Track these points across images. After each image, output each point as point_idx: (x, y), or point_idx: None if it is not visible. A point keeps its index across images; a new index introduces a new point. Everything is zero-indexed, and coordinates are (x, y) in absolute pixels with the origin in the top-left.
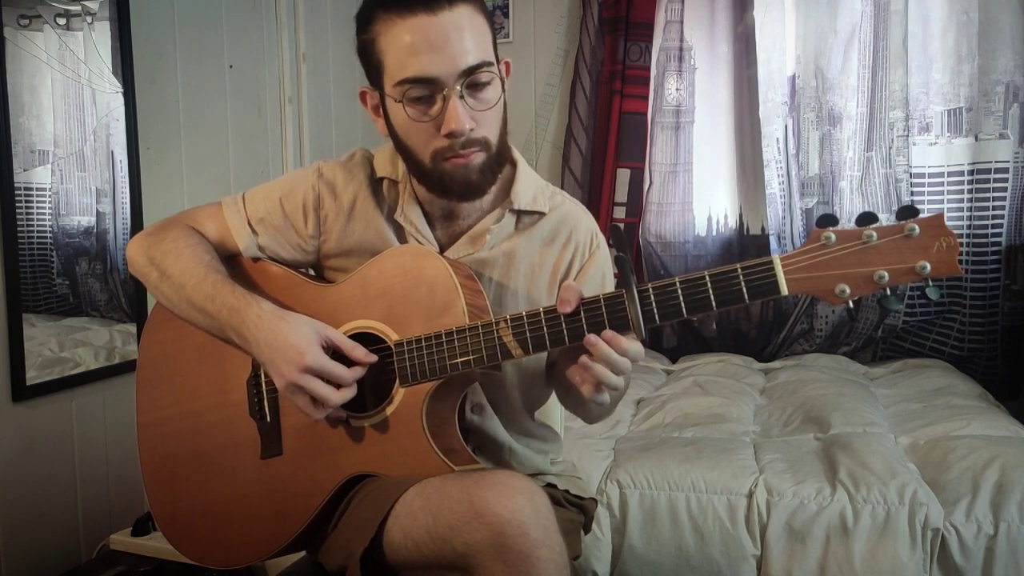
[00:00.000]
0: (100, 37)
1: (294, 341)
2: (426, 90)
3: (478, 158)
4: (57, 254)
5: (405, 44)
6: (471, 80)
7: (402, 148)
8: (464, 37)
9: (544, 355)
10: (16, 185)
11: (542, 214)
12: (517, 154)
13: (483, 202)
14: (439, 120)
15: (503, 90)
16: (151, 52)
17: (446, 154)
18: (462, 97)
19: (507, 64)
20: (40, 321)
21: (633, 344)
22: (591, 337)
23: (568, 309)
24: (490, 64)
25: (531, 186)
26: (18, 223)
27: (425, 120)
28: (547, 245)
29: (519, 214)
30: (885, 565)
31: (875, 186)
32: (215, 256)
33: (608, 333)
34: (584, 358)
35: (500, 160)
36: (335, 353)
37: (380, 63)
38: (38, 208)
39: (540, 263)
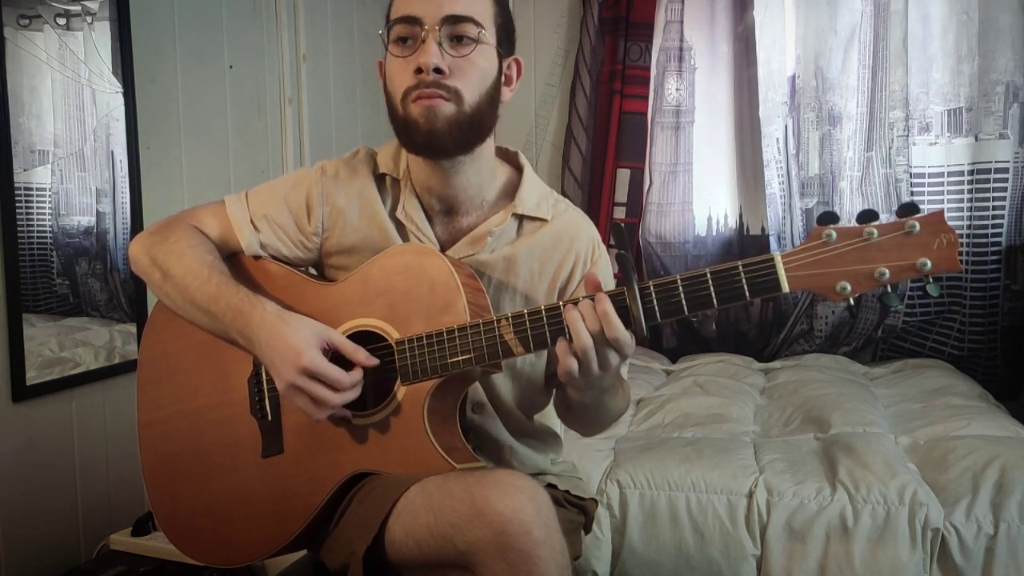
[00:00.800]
0: (100, 37)
1: (293, 342)
2: (409, 30)
3: (446, 108)
4: (57, 254)
5: None
6: (454, 31)
7: (388, 102)
8: None
9: (543, 365)
10: (16, 185)
11: (544, 221)
12: (524, 160)
13: (485, 203)
14: (414, 58)
15: (500, 75)
16: (151, 52)
17: (412, 93)
18: (440, 44)
19: (518, 62)
20: (40, 321)
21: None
22: (569, 304)
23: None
24: (477, 24)
25: (535, 192)
26: (18, 223)
27: (402, 56)
28: (548, 253)
29: (522, 219)
30: (885, 565)
31: (875, 186)
32: (218, 256)
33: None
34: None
35: (474, 126)
36: (339, 356)
37: (388, 19)
38: (38, 208)
39: (540, 270)
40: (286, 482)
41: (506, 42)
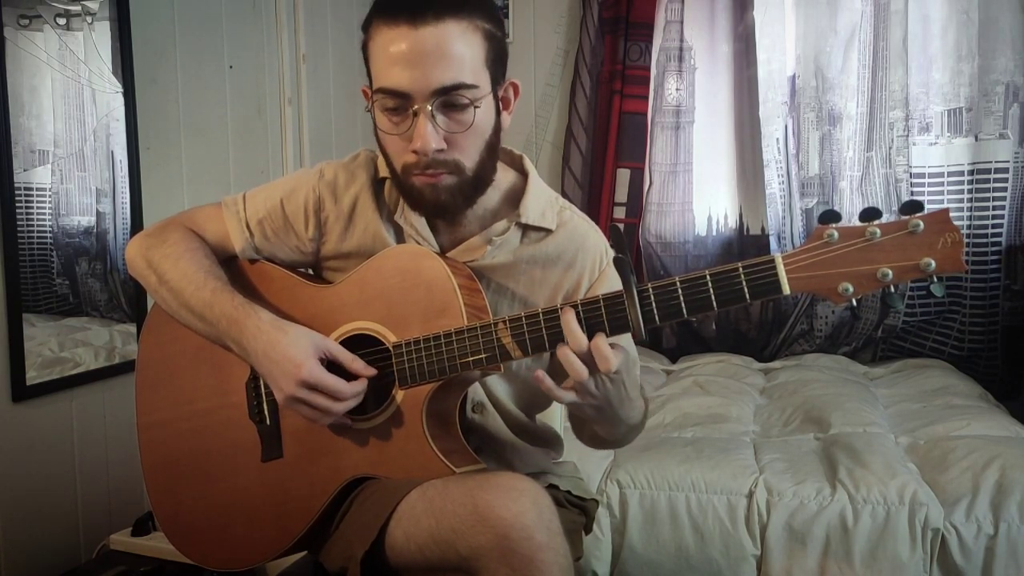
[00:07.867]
0: (100, 37)
1: (292, 354)
2: (397, 103)
3: (447, 180)
4: (57, 254)
5: (386, 53)
6: (446, 100)
7: (383, 151)
8: (444, 55)
9: (540, 367)
10: (16, 185)
11: (549, 231)
12: (529, 165)
13: (488, 211)
14: (408, 135)
15: (498, 112)
16: (151, 52)
17: (413, 170)
18: (433, 116)
19: (514, 85)
20: (40, 321)
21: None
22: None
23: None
24: (470, 87)
25: (541, 200)
26: (18, 223)
27: (395, 133)
28: (550, 265)
29: (525, 228)
30: (885, 565)
31: (875, 186)
32: (214, 261)
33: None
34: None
35: (477, 185)
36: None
37: (369, 67)
38: (38, 208)
39: (541, 279)
40: (286, 486)
41: (500, 75)
